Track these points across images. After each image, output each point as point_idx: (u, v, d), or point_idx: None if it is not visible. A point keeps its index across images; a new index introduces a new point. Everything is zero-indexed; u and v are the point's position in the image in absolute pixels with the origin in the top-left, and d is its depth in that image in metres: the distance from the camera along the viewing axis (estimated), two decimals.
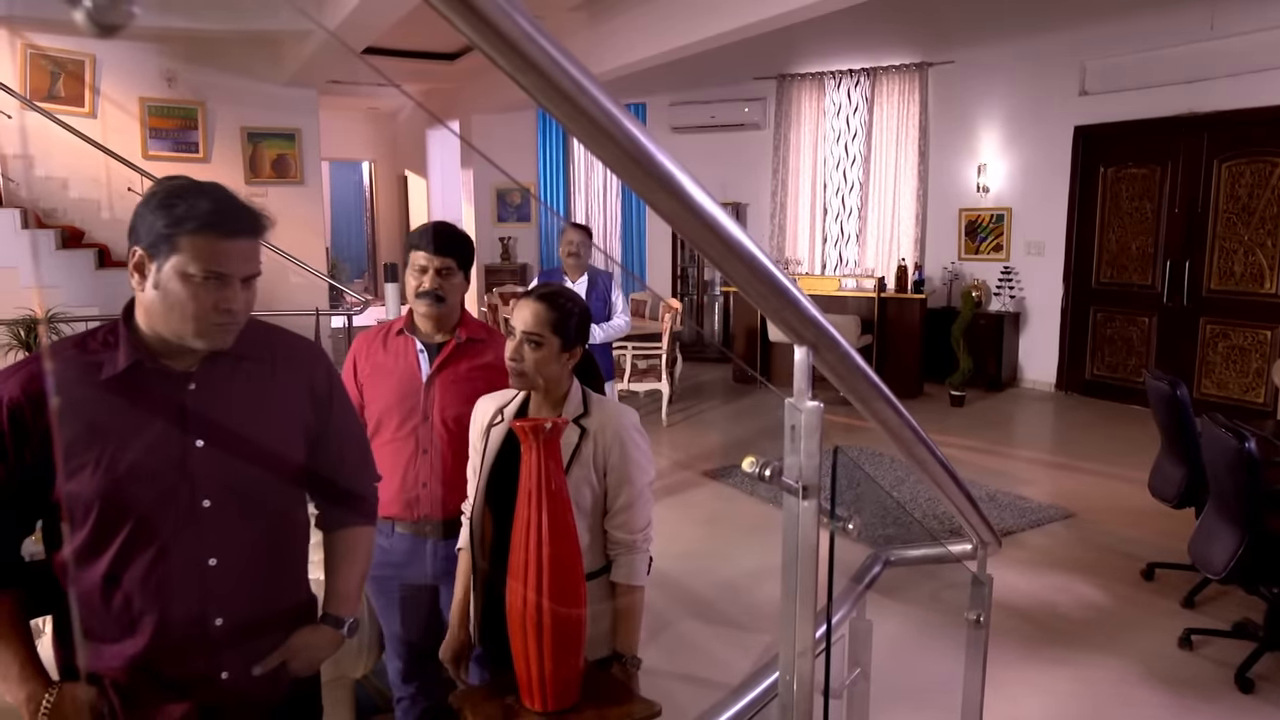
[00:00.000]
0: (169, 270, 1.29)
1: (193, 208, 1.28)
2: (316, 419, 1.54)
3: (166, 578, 1.36)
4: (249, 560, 1.43)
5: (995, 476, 5.52)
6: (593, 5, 7.02)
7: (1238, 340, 6.78)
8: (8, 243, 6.46)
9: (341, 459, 1.61)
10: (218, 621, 1.40)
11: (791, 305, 1.00)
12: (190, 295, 1.30)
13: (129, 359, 1.33)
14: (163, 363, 1.36)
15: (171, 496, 1.35)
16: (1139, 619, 3.64)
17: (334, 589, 1.62)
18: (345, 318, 7.52)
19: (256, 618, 1.46)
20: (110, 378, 1.33)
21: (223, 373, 1.40)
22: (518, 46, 0.64)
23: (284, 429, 1.48)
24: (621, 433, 1.82)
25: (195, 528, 1.37)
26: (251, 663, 1.45)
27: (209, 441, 1.38)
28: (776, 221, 9.56)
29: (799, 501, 1.07)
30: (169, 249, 1.28)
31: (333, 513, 1.65)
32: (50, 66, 7.50)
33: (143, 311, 1.35)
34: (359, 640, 2.42)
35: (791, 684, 1.14)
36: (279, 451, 1.47)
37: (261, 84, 8.24)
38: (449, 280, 2.17)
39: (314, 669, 1.58)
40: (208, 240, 1.28)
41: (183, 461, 1.36)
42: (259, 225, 1.35)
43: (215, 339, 1.35)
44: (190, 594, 1.38)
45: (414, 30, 7.25)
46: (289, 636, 1.51)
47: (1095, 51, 7.44)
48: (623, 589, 1.84)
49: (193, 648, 1.39)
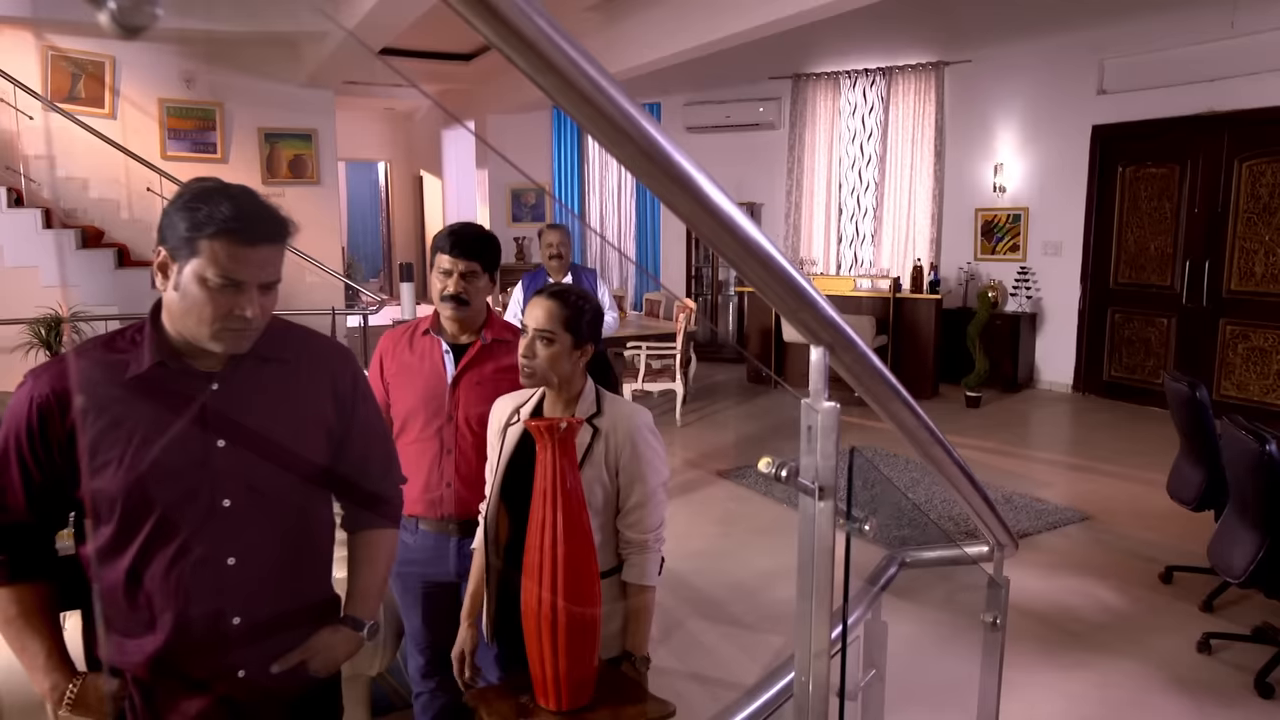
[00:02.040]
0: (188, 273, 1.30)
1: (214, 212, 1.28)
2: (340, 420, 1.54)
3: (186, 575, 1.37)
4: (268, 560, 1.44)
5: (1012, 478, 5.48)
6: (609, 5, 7.03)
7: (1258, 341, 6.71)
8: (30, 242, 6.54)
9: (365, 461, 1.61)
10: (235, 620, 1.41)
11: (809, 305, 1.00)
12: (206, 299, 1.30)
13: (153, 359, 1.35)
14: (186, 363, 1.38)
15: (192, 495, 1.37)
16: (1157, 623, 3.61)
17: (354, 590, 1.63)
18: (361, 317, 7.57)
19: (275, 617, 1.46)
20: (135, 377, 1.34)
21: (246, 373, 1.41)
22: (537, 47, 0.64)
23: (306, 430, 1.49)
24: (633, 432, 1.82)
25: (215, 526, 1.38)
26: (269, 661, 1.46)
27: (230, 441, 1.39)
28: (791, 221, 9.53)
29: (815, 502, 1.07)
30: (189, 252, 1.29)
31: (356, 514, 1.66)
32: (71, 68, 7.58)
33: (166, 312, 1.37)
34: (376, 639, 2.43)
35: (807, 685, 1.14)
36: (301, 452, 1.48)
37: (279, 85, 8.31)
38: (473, 283, 2.18)
39: (332, 670, 1.59)
40: (225, 246, 1.28)
41: (204, 461, 1.37)
42: (281, 232, 1.35)
43: (230, 344, 1.35)
44: (208, 592, 1.39)
45: (429, 31, 7.28)
46: (309, 636, 1.52)
47: (1114, 50, 7.38)
48: (633, 589, 1.84)
49: (210, 645, 1.40)
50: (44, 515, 1.40)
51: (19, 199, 6.83)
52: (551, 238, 4.63)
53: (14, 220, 6.55)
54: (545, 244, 4.66)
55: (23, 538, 1.39)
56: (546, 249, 4.63)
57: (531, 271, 4.67)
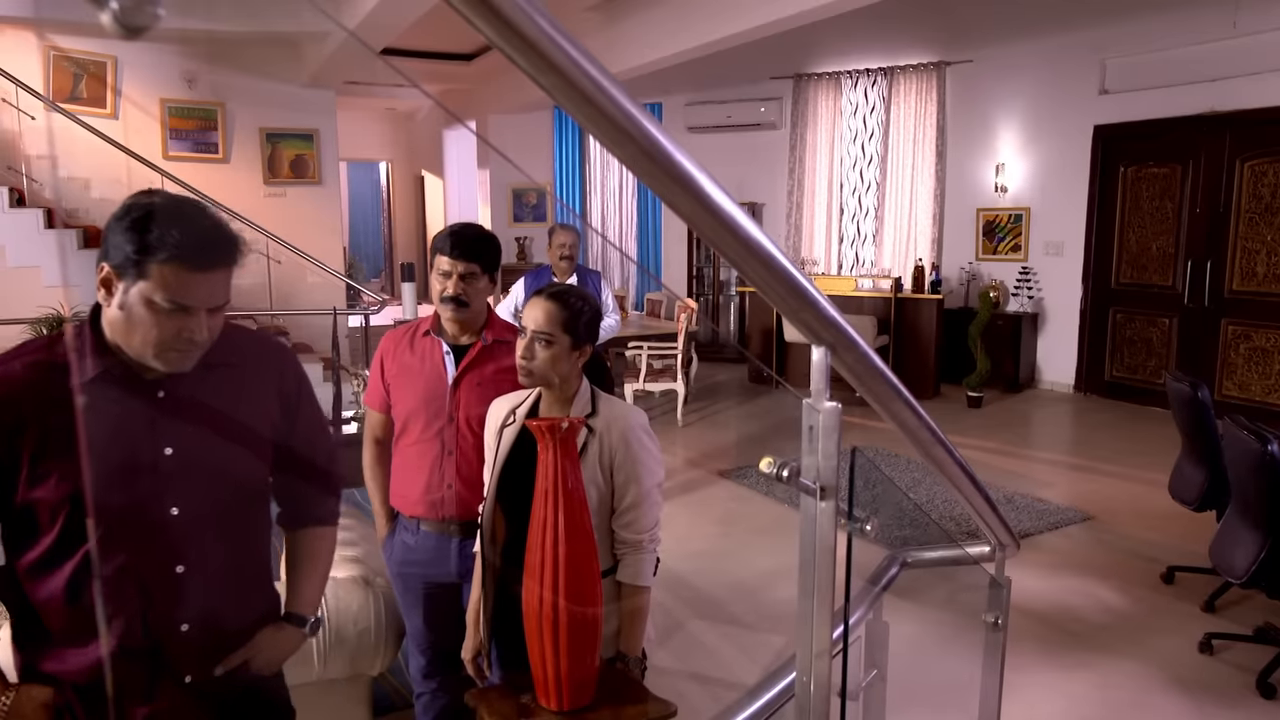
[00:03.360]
0: (135, 294, 1.26)
1: (164, 236, 1.23)
2: (285, 421, 1.53)
3: (134, 584, 1.35)
4: (216, 565, 1.42)
5: (1013, 478, 5.48)
6: (610, 5, 7.03)
7: (1260, 342, 6.70)
8: (32, 242, 6.54)
9: (310, 460, 1.60)
10: (184, 627, 1.39)
11: (810, 306, 1.00)
12: (153, 323, 1.27)
13: (98, 366, 1.32)
14: (132, 371, 1.34)
15: (140, 503, 1.34)
16: (1158, 623, 3.60)
17: (296, 588, 1.62)
18: (362, 317, 7.57)
19: (223, 622, 1.45)
20: (80, 384, 1.30)
21: (192, 380, 1.38)
22: (538, 47, 0.64)
23: (253, 433, 1.47)
24: (628, 433, 1.82)
25: (164, 535, 1.36)
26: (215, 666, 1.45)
27: (178, 449, 1.37)
28: (792, 221, 9.53)
29: (816, 502, 1.07)
30: (136, 274, 1.25)
31: (297, 512, 1.64)
32: (73, 68, 7.58)
33: (108, 324, 1.32)
34: (376, 638, 2.43)
35: (808, 685, 1.13)
36: (247, 457, 1.47)
37: (280, 85, 8.31)
38: (472, 285, 2.17)
39: (275, 668, 1.57)
40: (175, 272, 1.24)
41: (152, 469, 1.35)
42: (231, 256, 1.31)
43: (175, 364, 1.32)
44: (158, 600, 1.37)
45: (431, 31, 7.28)
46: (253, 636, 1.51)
47: (1116, 50, 7.38)
48: (628, 589, 1.84)
49: (158, 652, 1.38)
50: None
51: (21, 199, 6.84)
52: (564, 238, 4.52)
53: (16, 220, 6.55)
54: (558, 244, 4.54)
55: None
56: (559, 249, 4.52)
57: (534, 270, 4.63)
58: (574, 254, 4.55)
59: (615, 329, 4.68)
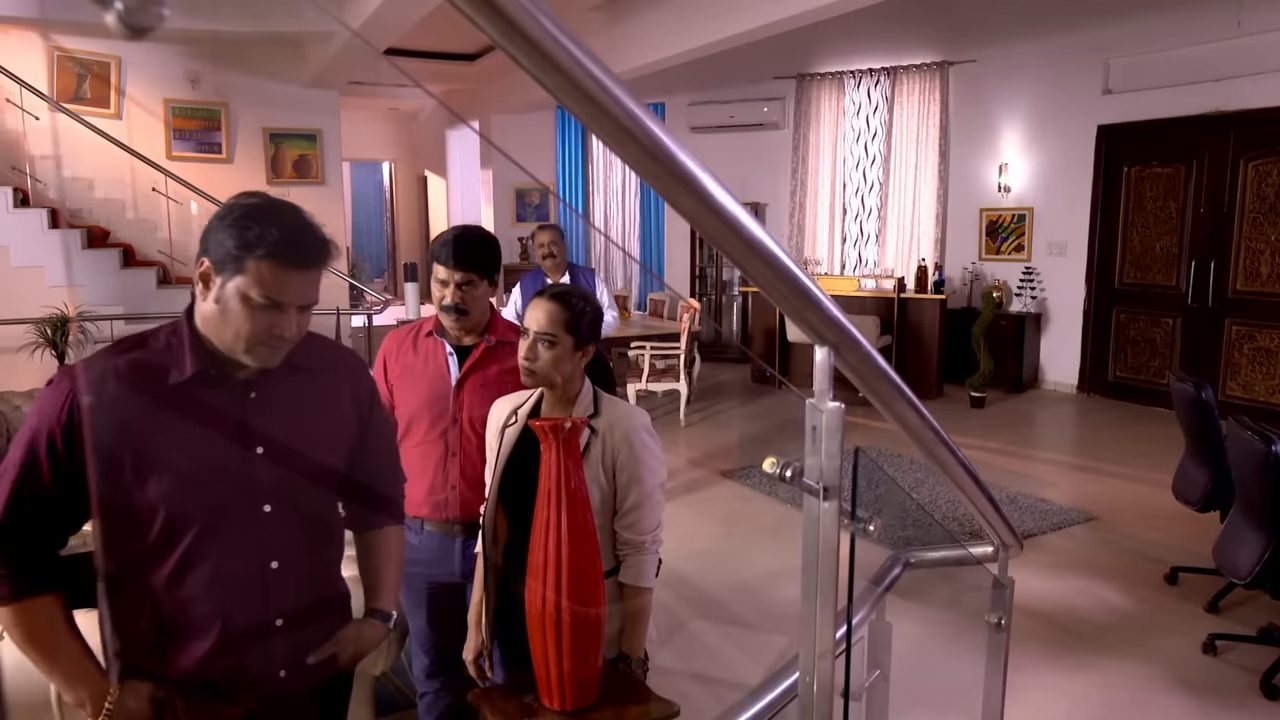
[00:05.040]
0: (231, 289, 1.31)
1: (264, 234, 1.29)
2: (359, 426, 1.59)
3: (232, 581, 1.39)
4: (303, 561, 1.48)
5: (1016, 478, 5.47)
6: (613, 5, 7.03)
7: (1264, 342, 6.69)
8: (36, 242, 6.56)
9: (379, 464, 1.67)
10: (279, 622, 1.44)
11: (814, 306, 1.00)
12: (247, 317, 1.32)
13: (195, 366, 1.35)
14: (225, 370, 1.39)
15: (235, 502, 1.38)
16: (1162, 623, 3.60)
17: (377, 585, 1.67)
18: (365, 317, 7.58)
19: (310, 617, 1.50)
20: (176, 384, 1.34)
21: (281, 382, 1.44)
22: (541, 47, 0.64)
23: (334, 436, 1.53)
24: (630, 433, 1.82)
25: (258, 532, 1.40)
26: (304, 661, 1.49)
27: (269, 449, 1.41)
28: (795, 221, 9.53)
29: (820, 502, 1.07)
30: (235, 269, 1.30)
31: (369, 514, 1.69)
32: (77, 69, 7.60)
33: (200, 318, 1.37)
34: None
35: (811, 685, 1.13)
36: (329, 457, 1.53)
37: (284, 85, 8.32)
38: (470, 293, 2.14)
39: (360, 660, 1.62)
40: (272, 268, 1.30)
41: (245, 468, 1.39)
42: (325, 257, 1.37)
43: (264, 359, 1.37)
44: (254, 596, 1.41)
45: (434, 31, 7.29)
46: (335, 631, 1.56)
47: (1119, 50, 7.37)
48: (630, 590, 1.83)
49: (256, 647, 1.43)
50: (62, 520, 1.36)
51: (25, 199, 6.86)
52: (542, 238, 4.60)
53: (20, 220, 6.57)
54: (537, 244, 4.63)
55: (36, 546, 1.34)
56: (539, 249, 4.60)
57: (530, 272, 4.66)
58: (555, 252, 4.57)
59: (613, 326, 4.69)
